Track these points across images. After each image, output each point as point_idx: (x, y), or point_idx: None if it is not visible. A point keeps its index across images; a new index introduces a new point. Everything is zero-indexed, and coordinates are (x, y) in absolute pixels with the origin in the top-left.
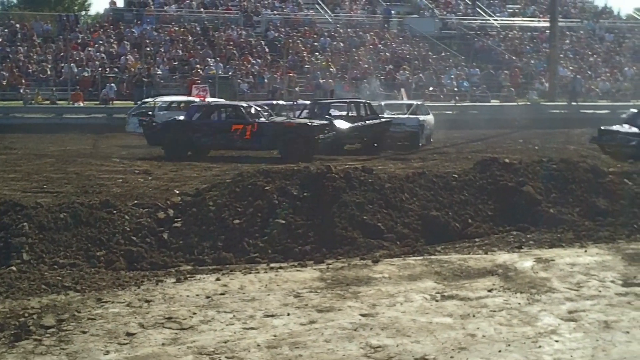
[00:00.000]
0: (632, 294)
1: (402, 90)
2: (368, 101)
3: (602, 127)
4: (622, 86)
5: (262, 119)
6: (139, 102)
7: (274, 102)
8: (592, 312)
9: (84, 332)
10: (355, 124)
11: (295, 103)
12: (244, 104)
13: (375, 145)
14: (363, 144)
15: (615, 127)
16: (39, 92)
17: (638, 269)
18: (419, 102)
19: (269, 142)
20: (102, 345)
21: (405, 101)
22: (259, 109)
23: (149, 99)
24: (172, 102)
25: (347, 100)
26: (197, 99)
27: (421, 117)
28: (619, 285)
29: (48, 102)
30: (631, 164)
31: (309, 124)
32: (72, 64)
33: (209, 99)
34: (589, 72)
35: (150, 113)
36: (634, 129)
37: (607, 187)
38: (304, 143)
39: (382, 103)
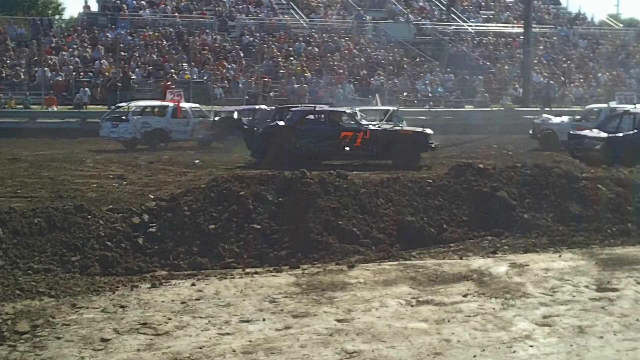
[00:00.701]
0: (606, 299)
1: (377, 95)
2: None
3: (571, 132)
4: (595, 92)
5: (372, 126)
6: (112, 107)
7: (256, 107)
8: (566, 317)
9: (59, 338)
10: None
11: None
12: (349, 110)
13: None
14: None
15: (585, 132)
16: (12, 97)
17: (612, 274)
18: (394, 108)
19: (381, 150)
20: (76, 351)
21: (380, 107)
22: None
23: (123, 104)
24: (146, 107)
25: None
26: (171, 104)
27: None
28: (592, 290)
29: (21, 106)
30: (604, 169)
31: (423, 131)
32: (45, 68)
33: (184, 104)
34: (562, 78)
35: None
36: (602, 134)
37: (581, 193)
38: (418, 150)
39: (356, 109)
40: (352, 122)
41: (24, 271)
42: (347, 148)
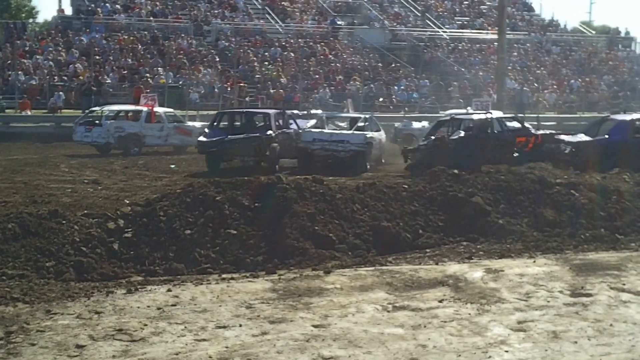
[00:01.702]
0: (580, 304)
1: (348, 100)
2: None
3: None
4: (568, 98)
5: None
6: (86, 111)
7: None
8: (541, 322)
9: (33, 345)
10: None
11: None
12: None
13: (263, 163)
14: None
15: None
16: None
17: (585, 279)
18: (367, 115)
19: (539, 154)
20: (51, 357)
21: (351, 113)
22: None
23: (97, 108)
24: (119, 111)
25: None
26: (144, 108)
27: (369, 134)
28: (567, 296)
29: None
30: (577, 174)
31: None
32: (19, 72)
33: (158, 109)
34: (535, 84)
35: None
36: (576, 139)
37: (555, 198)
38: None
39: (324, 116)
40: (519, 127)
41: None
42: (516, 154)
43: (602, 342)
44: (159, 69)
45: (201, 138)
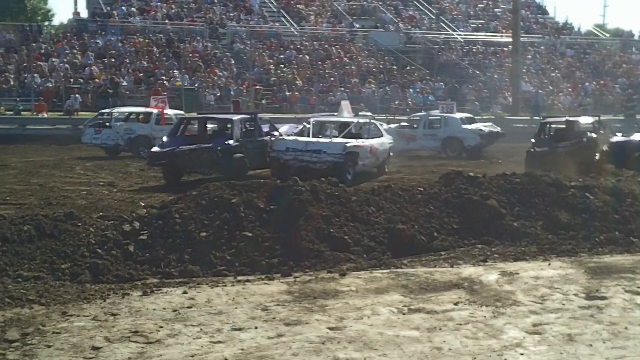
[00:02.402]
0: (595, 307)
1: (343, 103)
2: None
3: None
4: (584, 101)
5: None
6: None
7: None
8: (556, 325)
9: (49, 346)
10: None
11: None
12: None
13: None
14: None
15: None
16: (1, 103)
17: (600, 282)
18: (366, 120)
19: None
20: (67, 359)
21: (347, 117)
22: None
23: (106, 110)
24: (130, 113)
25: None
26: (155, 110)
27: (351, 143)
28: (582, 299)
29: (11, 112)
30: (592, 177)
31: None
32: (35, 75)
33: (168, 111)
34: (550, 87)
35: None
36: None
37: (569, 201)
38: None
39: (311, 120)
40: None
41: (14, 279)
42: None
43: (617, 345)
44: (175, 71)
45: (154, 148)
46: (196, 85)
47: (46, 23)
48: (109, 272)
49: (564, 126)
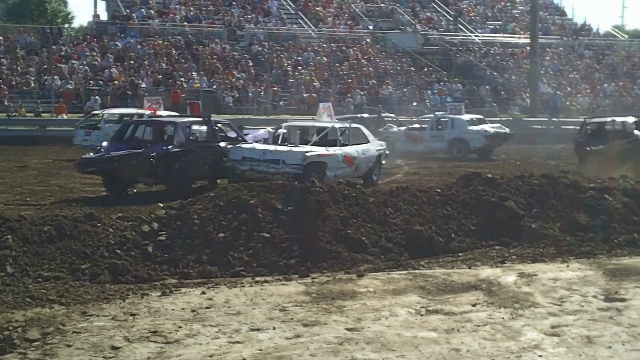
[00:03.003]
0: (614, 309)
1: (321, 105)
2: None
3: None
4: (602, 102)
5: None
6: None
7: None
8: (575, 327)
9: (69, 346)
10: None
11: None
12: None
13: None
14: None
15: None
16: (22, 105)
17: (619, 284)
18: (344, 124)
19: None
20: (87, 358)
21: (325, 122)
22: None
23: (97, 112)
24: (122, 115)
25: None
26: (147, 112)
27: (313, 152)
28: (600, 300)
29: (32, 114)
30: (611, 179)
31: None
32: (55, 77)
33: (162, 113)
34: (568, 89)
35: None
36: None
37: (588, 203)
38: None
39: (283, 124)
40: None
41: (34, 279)
42: None
43: (636, 347)
44: (193, 73)
45: (86, 155)
46: (214, 87)
47: (66, 26)
48: (128, 272)
49: (612, 126)
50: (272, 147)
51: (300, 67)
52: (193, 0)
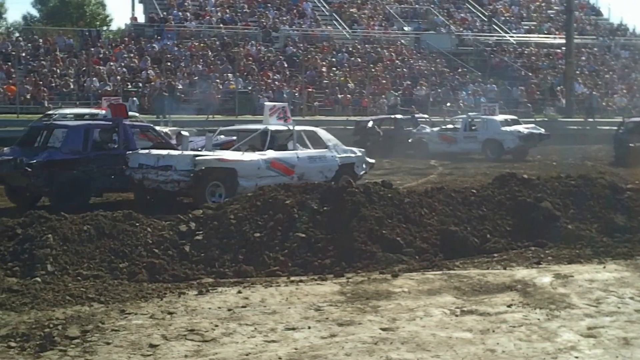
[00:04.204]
0: None
1: (268, 107)
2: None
3: None
4: (639, 102)
5: None
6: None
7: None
8: (612, 328)
9: (108, 343)
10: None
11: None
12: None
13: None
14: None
15: None
16: (62, 106)
17: None
18: (286, 127)
19: None
20: (125, 356)
21: (273, 125)
22: None
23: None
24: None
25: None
26: (102, 112)
27: (204, 157)
28: (637, 302)
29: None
30: None
31: None
32: (94, 78)
33: (133, 114)
34: (604, 89)
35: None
36: None
37: (625, 204)
38: None
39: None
40: None
41: (74, 277)
42: None
43: None
44: (229, 74)
45: None
46: (250, 88)
47: (105, 28)
48: (165, 271)
49: None
50: (164, 152)
51: (334, 68)
52: (229, 2)
